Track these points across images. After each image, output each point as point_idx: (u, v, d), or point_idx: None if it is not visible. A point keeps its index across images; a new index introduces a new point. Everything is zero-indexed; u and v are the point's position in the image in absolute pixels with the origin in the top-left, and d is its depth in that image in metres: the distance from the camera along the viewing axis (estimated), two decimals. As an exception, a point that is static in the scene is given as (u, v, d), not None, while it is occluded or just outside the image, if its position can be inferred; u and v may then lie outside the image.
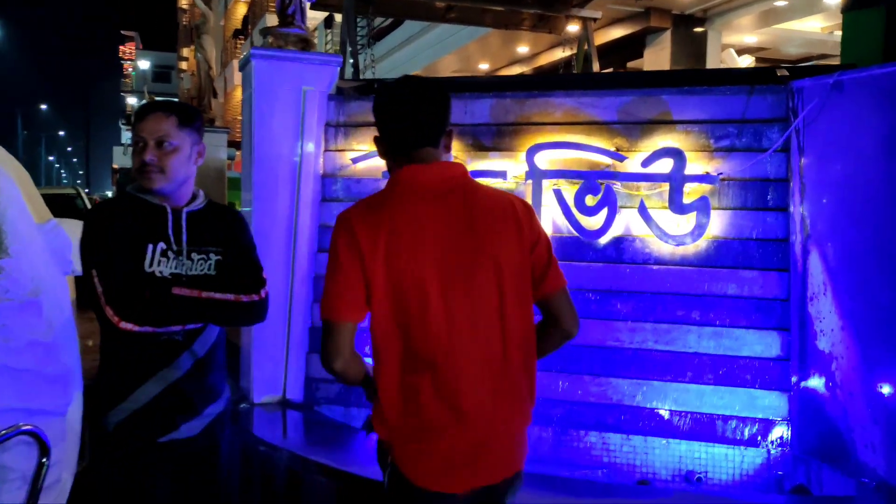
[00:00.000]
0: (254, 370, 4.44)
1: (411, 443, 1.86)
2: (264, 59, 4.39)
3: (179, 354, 2.29)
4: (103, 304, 2.21)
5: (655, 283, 4.00)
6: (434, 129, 1.90)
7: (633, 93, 4.05)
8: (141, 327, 2.22)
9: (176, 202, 2.37)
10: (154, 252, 2.28)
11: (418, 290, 1.82)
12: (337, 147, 4.53)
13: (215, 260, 2.36)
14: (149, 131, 2.30)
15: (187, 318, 2.29)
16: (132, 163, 2.36)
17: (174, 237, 2.32)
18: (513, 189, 4.22)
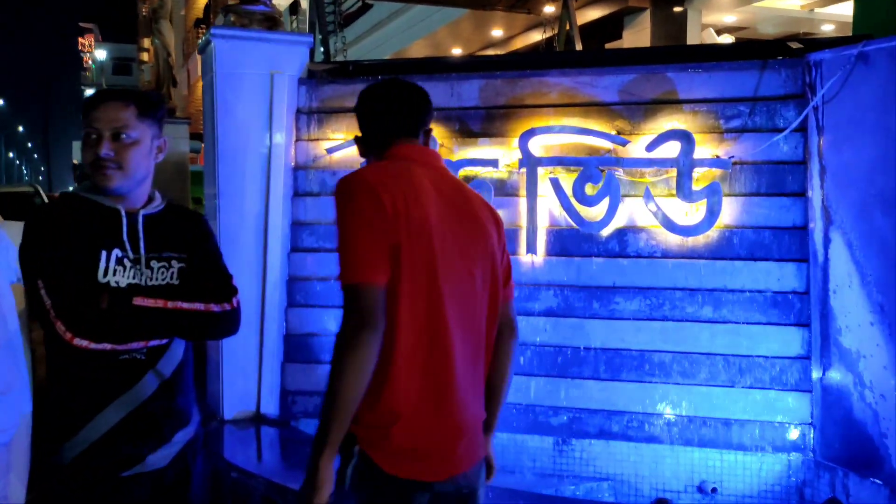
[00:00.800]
0: (224, 383, 4.04)
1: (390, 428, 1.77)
2: (226, 39, 3.97)
3: (143, 375, 2.03)
4: (53, 319, 1.94)
5: (663, 278, 3.67)
6: (414, 123, 1.92)
7: (636, 70, 3.70)
8: (98, 344, 1.95)
9: (132, 204, 2.10)
10: (108, 260, 2.02)
11: (428, 265, 1.76)
12: (310, 136, 4.13)
13: (178, 268, 2.12)
14: (104, 121, 2.03)
15: (151, 332, 2.03)
16: (83, 158, 2.07)
17: (130, 243, 2.06)
18: (506, 179, 3.86)
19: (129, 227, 2.06)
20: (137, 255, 2.05)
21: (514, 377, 3.78)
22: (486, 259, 1.88)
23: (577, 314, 3.78)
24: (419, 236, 1.75)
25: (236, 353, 4.05)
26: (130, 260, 2.05)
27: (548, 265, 3.82)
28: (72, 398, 2.02)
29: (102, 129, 2.02)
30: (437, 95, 3.98)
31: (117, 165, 2.02)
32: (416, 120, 1.92)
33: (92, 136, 2.04)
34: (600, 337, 3.76)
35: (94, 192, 2.08)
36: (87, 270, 1.99)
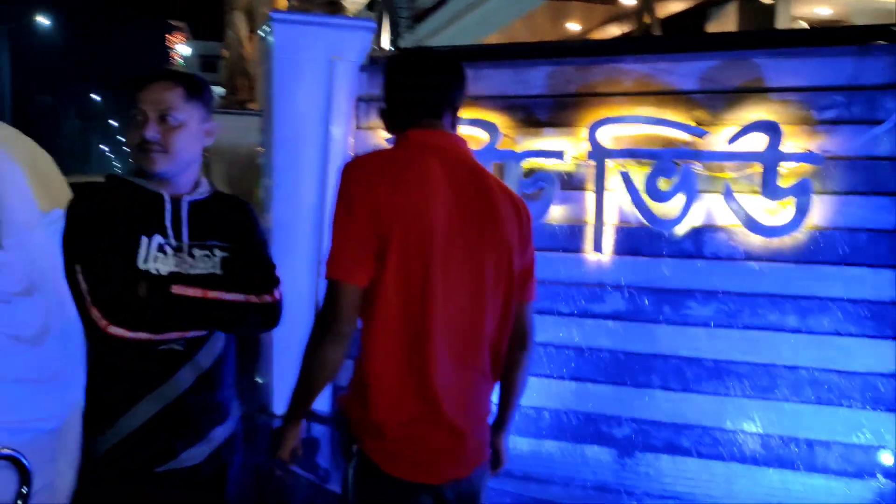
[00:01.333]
0: (275, 377, 3.93)
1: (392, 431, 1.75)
2: (286, 23, 3.86)
3: (180, 367, 1.99)
4: (88, 306, 1.91)
5: (743, 283, 3.37)
6: (440, 102, 1.83)
7: (718, 56, 3.41)
8: (133, 333, 1.91)
9: (177, 189, 2.06)
10: (149, 246, 1.98)
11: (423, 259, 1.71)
12: (369, 125, 3.98)
13: (221, 257, 2.06)
14: (150, 102, 1.99)
15: (190, 322, 1.98)
16: (128, 140, 2.03)
17: (173, 230, 2.01)
18: (572, 172, 3.62)
19: (172, 213, 2.01)
20: (180, 242, 2.00)
21: (572, 382, 3.59)
22: (500, 254, 1.81)
23: (645, 318, 3.52)
24: (413, 233, 1.69)
25: (289, 345, 3.87)
26: (172, 247, 1.98)
27: (615, 265, 3.56)
28: (106, 389, 1.98)
29: (148, 110, 1.97)
30: (501, 82, 3.81)
31: (162, 148, 1.97)
32: (442, 98, 1.84)
33: (138, 118, 1.98)
34: (671, 344, 3.48)
35: (139, 176, 2.02)
36: (126, 256, 1.93)
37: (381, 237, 1.69)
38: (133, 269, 1.94)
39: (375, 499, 1.80)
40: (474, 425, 1.86)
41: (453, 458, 1.82)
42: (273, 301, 2.09)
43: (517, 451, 3.65)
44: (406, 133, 1.83)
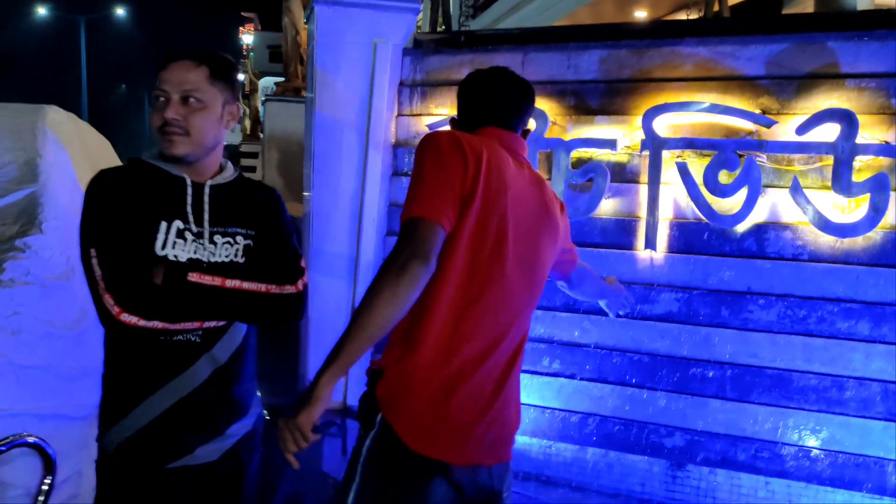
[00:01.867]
0: (309, 370, 3.82)
1: (431, 392, 1.68)
2: (329, 5, 3.72)
3: (196, 359, 1.88)
4: (102, 292, 1.78)
5: (810, 285, 3.09)
6: (515, 120, 1.91)
7: (788, 39, 3.12)
8: (148, 321, 1.78)
9: (199, 173, 1.95)
10: (168, 231, 1.87)
11: (499, 227, 1.72)
12: (412, 111, 3.81)
13: (244, 245, 1.95)
14: (173, 83, 1.88)
15: (207, 312, 1.86)
16: (151, 121, 1.93)
17: (194, 215, 1.90)
18: (625, 162, 3.38)
19: (194, 198, 1.90)
20: (201, 228, 1.89)
21: (620, 387, 3.36)
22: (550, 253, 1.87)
23: (701, 321, 3.27)
24: (494, 203, 1.70)
25: (324, 337, 3.81)
26: (193, 233, 1.87)
27: (669, 263, 3.32)
28: (119, 380, 1.89)
29: (171, 91, 1.86)
30: (551, 67, 3.59)
31: (184, 131, 1.86)
32: (514, 116, 1.90)
33: (160, 99, 1.88)
34: (728, 350, 3.22)
35: (160, 160, 1.92)
36: (143, 241, 1.82)
37: (468, 188, 1.68)
38: (150, 255, 1.82)
39: (388, 475, 1.70)
40: (507, 411, 1.80)
41: (480, 440, 1.74)
42: (296, 292, 1.95)
43: (560, 458, 3.45)
44: (481, 129, 1.86)
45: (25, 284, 3.16)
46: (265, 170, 8.37)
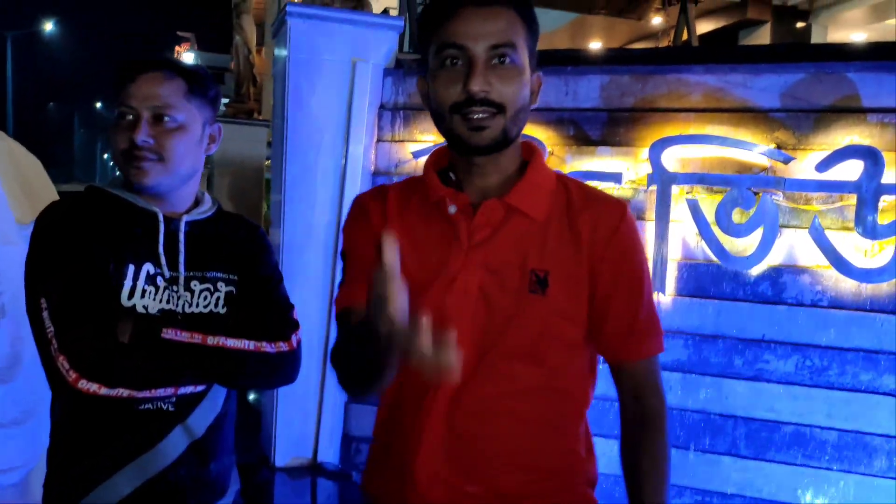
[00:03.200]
0: (278, 424, 3.44)
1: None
2: (304, 18, 3.39)
3: (168, 432, 1.57)
4: (55, 353, 1.46)
5: (831, 334, 2.88)
6: None
7: (803, 69, 2.94)
8: (112, 389, 1.46)
9: (173, 206, 1.64)
10: (137, 277, 1.55)
11: None
12: (393, 137, 3.50)
13: (225, 292, 1.65)
14: (142, 98, 1.56)
15: (184, 376, 1.55)
16: (113, 145, 1.60)
17: (167, 258, 1.60)
18: (630, 198, 3.13)
19: (166, 237, 1.60)
20: (175, 272, 1.60)
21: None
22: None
23: (712, 371, 3.02)
24: None
25: (294, 389, 3.39)
26: (166, 279, 1.58)
27: (678, 307, 3.07)
28: (71, 456, 1.57)
29: (140, 108, 1.55)
30: (547, 93, 3.32)
31: (157, 156, 1.56)
32: None
33: (126, 117, 1.56)
34: (742, 403, 2.99)
35: (126, 190, 1.61)
36: (106, 289, 1.52)
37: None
38: (115, 307, 1.51)
39: None
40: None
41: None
42: (289, 350, 1.64)
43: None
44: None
45: (-48, 325, 2.72)
46: (214, 194, 7.87)
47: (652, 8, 6.90)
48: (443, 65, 1.24)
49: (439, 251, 1.30)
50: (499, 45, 1.22)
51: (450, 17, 1.24)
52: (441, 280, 1.28)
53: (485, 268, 1.28)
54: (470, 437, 1.28)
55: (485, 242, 1.29)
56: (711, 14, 9.22)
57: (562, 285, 1.28)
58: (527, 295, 1.27)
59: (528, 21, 1.28)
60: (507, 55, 1.23)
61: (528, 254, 1.29)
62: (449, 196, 1.31)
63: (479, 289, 1.28)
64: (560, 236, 1.30)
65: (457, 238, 1.29)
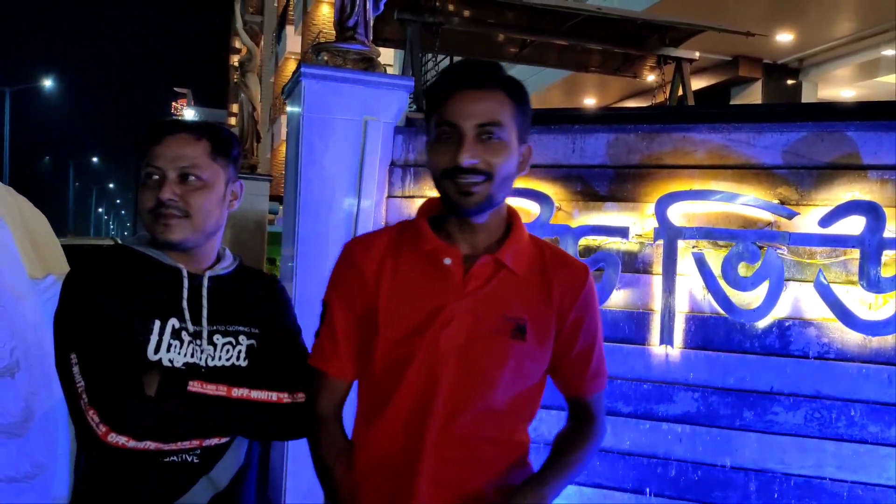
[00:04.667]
0: (287, 478, 3.42)
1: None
2: (318, 79, 3.49)
3: (192, 484, 1.62)
4: (84, 406, 1.52)
5: (839, 386, 2.91)
6: None
7: (805, 127, 3.03)
8: (139, 442, 1.52)
9: (196, 262, 1.73)
10: (163, 331, 1.62)
11: None
12: (404, 193, 3.58)
13: (246, 345, 1.72)
14: (169, 158, 1.65)
15: (210, 428, 1.62)
16: (140, 203, 1.68)
17: (190, 312, 1.66)
18: (636, 252, 3.20)
19: (190, 292, 1.67)
20: (199, 326, 1.66)
21: (633, 495, 3.08)
22: None
23: (721, 423, 3.04)
24: None
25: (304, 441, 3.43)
26: (190, 333, 1.64)
27: (686, 360, 3.10)
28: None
29: (166, 168, 1.63)
30: (556, 150, 3.41)
31: (183, 213, 1.63)
32: None
33: (153, 177, 1.63)
34: (752, 455, 3.00)
35: (151, 246, 1.69)
36: (134, 344, 1.58)
37: None
38: (142, 361, 1.56)
39: None
40: None
41: None
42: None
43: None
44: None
45: (-36, 382, 2.73)
46: (217, 249, 7.96)
47: (647, 66, 7.06)
48: (438, 138, 1.47)
49: (434, 297, 1.49)
50: (486, 123, 1.43)
51: (446, 98, 1.46)
52: (436, 323, 1.47)
53: (473, 314, 1.48)
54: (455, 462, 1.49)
55: (476, 291, 1.49)
56: (704, 72, 9.46)
57: (534, 332, 1.51)
58: (508, 340, 1.49)
59: (518, 100, 1.49)
60: (493, 132, 1.44)
61: (511, 304, 1.51)
62: (441, 248, 1.51)
63: (467, 334, 1.48)
64: (534, 289, 1.53)
65: (450, 287, 1.49)
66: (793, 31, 8.62)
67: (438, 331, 1.48)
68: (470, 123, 1.43)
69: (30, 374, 3.08)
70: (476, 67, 1.49)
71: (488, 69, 1.49)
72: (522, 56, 6.81)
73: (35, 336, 3.26)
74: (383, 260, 1.55)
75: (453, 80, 1.47)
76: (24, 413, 2.90)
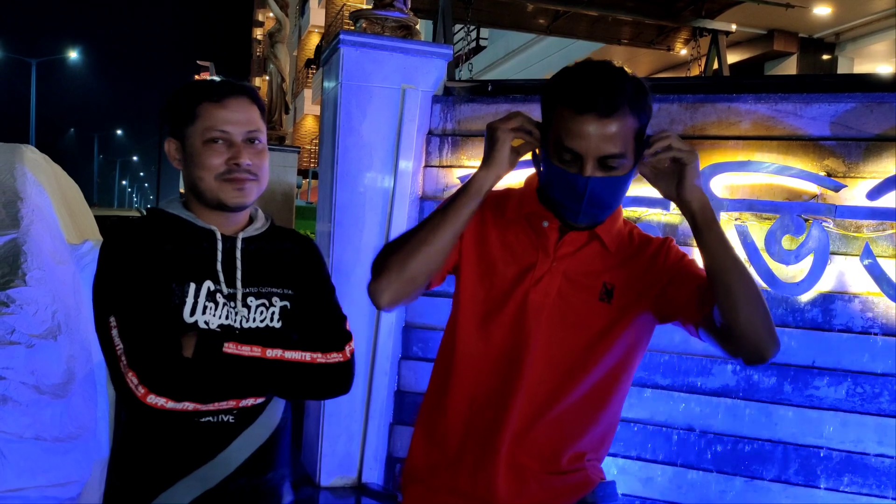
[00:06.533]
0: (323, 444, 3.46)
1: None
2: (356, 46, 3.46)
3: (229, 443, 1.62)
4: (124, 369, 1.52)
5: (882, 361, 2.88)
6: None
7: (854, 98, 2.97)
8: (178, 403, 1.52)
9: (232, 224, 1.70)
10: (198, 294, 1.61)
11: None
12: (441, 162, 3.55)
13: (280, 307, 1.71)
14: (235, 122, 1.63)
15: (246, 388, 1.61)
16: (203, 167, 1.64)
17: (224, 274, 1.65)
18: (677, 224, 3.16)
19: (224, 254, 1.66)
20: (233, 289, 1.65)
21: (672, 467, 3.08)
22: None
23: (761, 397, 3.02)
24: None
25: (339, 408, 3.46)
26: (224, 295, 1.63)
27: (726, 333, 3.07)
28: (134, 465, 1.62)
29: (234, 132, 1.62)
30: (596, 122, 3.38)
31: (255, 177, 1.64)
32: None
33: (218, 141, 1.62)
34: (792, 429, 2.98)
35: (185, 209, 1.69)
36: (170, 307, 1.58)
37: None
38: (179, 324, 1.57)
39: None
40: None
41: None
42: (344, 360, 1.70)
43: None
44: None
45: (11, 344, 2.77)
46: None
47: (681, 39, 6.95)
48: (561, 160, 1.45)
49: (528, 255, 1.56)
50: (608, 155, 1.42)
51: (572, 122, 1.41)
52: (528, 279, 1.53)
53: (564, 275, 1.54)
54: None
55: (567, 256, 1.55)
56: (738, 46, 9.28)
57: (622, 298, 1.56)
58: (596, 302, 1.54)
59: (640, 117, 1.46)
60: (615, 166, 1.44)
61: (600, 271, 1.56)
62: (541, 212, 1.57)
63: (557, 291, 1.54)
64: (625, 262, 1.58)
65: (545, 247, 1.55)
66: (831, 4, 8.43)
67: (528, 288, 1.53)
68: (593, 154, 1.43)
69: (70, 337, 3.11)
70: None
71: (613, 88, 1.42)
72: (554, 28, 6.72)
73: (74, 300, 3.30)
74: (489, 220, 1.61)
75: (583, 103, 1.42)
76: (66, 375, 2.95)
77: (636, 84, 1.45)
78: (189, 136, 1.62)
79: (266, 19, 29.65)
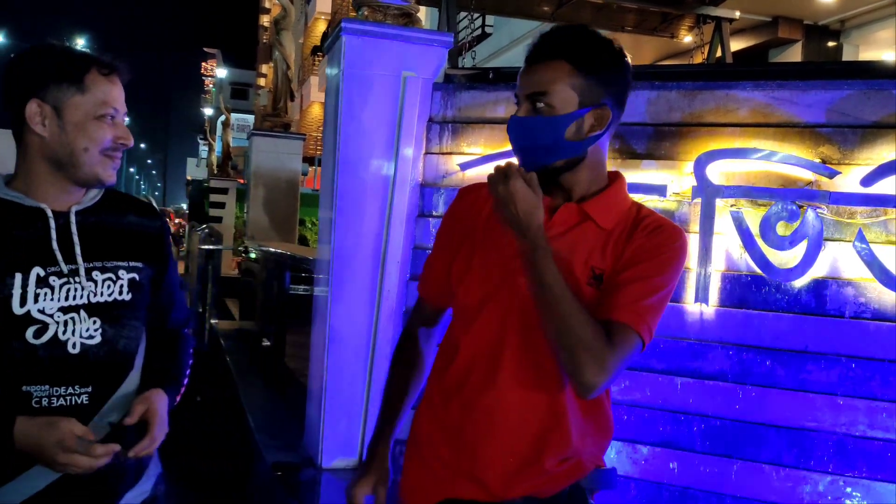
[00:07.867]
0: (324, 426, 3.51)
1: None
2: (358, 34, 3.50)
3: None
4: None
5: (874, 346, 2.91)
6: None
7: (851, 86, 2.99)
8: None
9: (67, 196, 1.66)
10: (26, 283, 1.56)
11: None
12: (441, 149, 3.59)
13: (128, 279, 1.68)
14: (122, 101, 1.70)
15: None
16: (89, 139, 1.62)
17: (62, 252, 1.60)
18: (674, 210, 3.20)
19: (58, 232, 1.60)
20: (74, 265, 1.61)
21: (666, 450, 3.12)
22: None
23: (755, 381, 3.06)
24: None
25: (341, 390, 3.52)
26: (65, 274, 1.58)
27: (721, 318, 3.12)
28: None
29: (121, 110, 1.69)
30: (595, 108, 3.41)
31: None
32: None
33: (108, 118, 1.65)
34: (785, 413, 3.02)
35: (7, 189, 1.62)
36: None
37: None
38: (9, 317, 1.53)
39: None
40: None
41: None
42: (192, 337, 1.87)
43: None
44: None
45: None
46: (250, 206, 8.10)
47: (685, 26, 6.95)
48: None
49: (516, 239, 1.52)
50: (531, 93, 1.55)
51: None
52: (516, 262, 1.51)
53: (554, 258, 1.48)
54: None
55: (557, 238, 1.53)
56: (741, 33, 9.26)
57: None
58: (585, 286, 1.53)
59: (582, 69, 1.56)
60: (539, 106, 1.54)
61: (592, 253, 1.55)
62: None
63: None
64: (618, 244, 1.56)
65: None
66: (836, -9, 8.42)
67: (516, 271, 1.53)
68: (521, 94, 1.58)
69: None
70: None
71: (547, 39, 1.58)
72: (558, 15, 6.72)
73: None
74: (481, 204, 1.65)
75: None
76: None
77: (585, 38, 1.57)
78: (72, 106, 1.58)
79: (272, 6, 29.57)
